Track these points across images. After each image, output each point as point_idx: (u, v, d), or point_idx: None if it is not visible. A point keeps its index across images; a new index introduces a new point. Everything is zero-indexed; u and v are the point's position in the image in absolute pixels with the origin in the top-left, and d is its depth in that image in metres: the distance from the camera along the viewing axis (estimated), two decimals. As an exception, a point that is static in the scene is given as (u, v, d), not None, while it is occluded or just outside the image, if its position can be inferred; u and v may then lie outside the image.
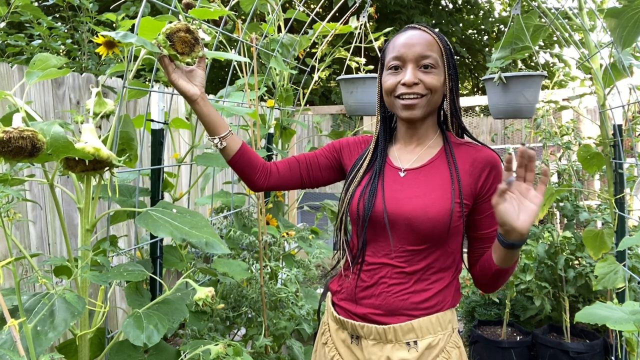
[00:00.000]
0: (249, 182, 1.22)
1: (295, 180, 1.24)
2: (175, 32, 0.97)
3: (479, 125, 6.76)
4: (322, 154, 1.25)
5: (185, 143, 2.84)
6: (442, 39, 1.08)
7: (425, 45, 1.05)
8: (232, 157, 1.16)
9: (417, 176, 1.08)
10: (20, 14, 2.85)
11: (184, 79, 1.05)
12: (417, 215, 1.02)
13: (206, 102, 1.09)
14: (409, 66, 1.05)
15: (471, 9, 8.80)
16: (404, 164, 1.12)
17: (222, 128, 1.12)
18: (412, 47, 1.05)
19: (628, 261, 1.88)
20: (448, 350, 1.06)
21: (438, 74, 1.06)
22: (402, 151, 1.14)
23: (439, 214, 1.01)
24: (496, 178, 1.07)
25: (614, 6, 1.65)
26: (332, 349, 1.15)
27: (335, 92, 7.19)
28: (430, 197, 1.04)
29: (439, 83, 1.06)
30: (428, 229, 1.02)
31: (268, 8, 2.04)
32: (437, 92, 1.07)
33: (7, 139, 0.73)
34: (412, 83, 1.04)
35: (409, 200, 1.04)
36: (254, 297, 1.74)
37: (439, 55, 1.06)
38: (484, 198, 1.06)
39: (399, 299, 1.05)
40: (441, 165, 1.08)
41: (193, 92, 1.06)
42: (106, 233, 1.19)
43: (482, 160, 1.07)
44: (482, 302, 3.05)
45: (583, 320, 1.14)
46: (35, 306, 0.89)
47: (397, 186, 1.08)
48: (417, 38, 1.06)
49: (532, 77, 1.99)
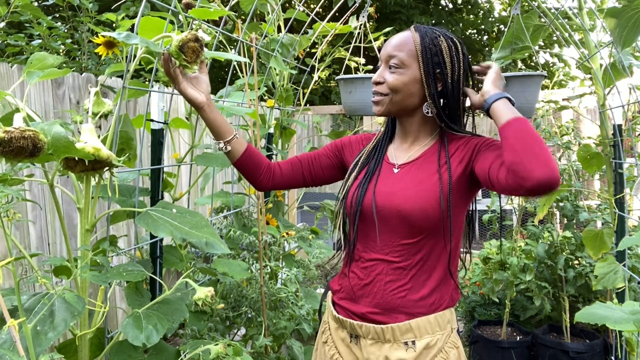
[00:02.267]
0: (253, 182, 1.24)
1: (298, 179, 1.26)
2: (186, 43, 0.99)
3: (479, 125, 6.76)
4: (324, 153, 1.27)
5: (185, 143, 2.84)
6: (423, 40, 1.05)
7: (397, 45, 1.07)
8: (238, 160, 1.18)
9: (410, 170, 1.10)
10: (20, 14, 2.85)
11: (190, 87, 1.07)
12: (407, 207, 1.03)
13: (212, 108, 1.11)
14: (382, 65, 1.10)
15: (471, 9, 8.79)
16: (399, 161, 1.13)
17: (227, 132, 1.14)
18: (387, 47, 1.09)
19: (628, 261, 1.88)
20: (446, 350, 1.06)
21: (403, 74, 1.06)
22: (399, 149, 1.16)
23: (429, 204, 1.02)
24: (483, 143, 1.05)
25: (614, 6, 1.65)
26: (332, 347, 1.16)
27: (335, 92, 7.19)
28: (420, 188, 1.04)
29: (400, 83, 1.06)
30: (420, 220, 1.02)
31: (268, 8, 2.04)
32: (400, 91, 1.07)
33: (8, 138, 0.73)
34: (376, 82, 1.10)
35: (401, 193, 1.05)
36: (254, 297, 1.74)
37: (409, 56, 1.05)
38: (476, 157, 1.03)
39: (397, 296, 1.05)
40: (433, 157, 1.09)
41: (201, 100, 1.08)
42: (106, 233, 1.19)
43: (472, 142, 1.07)
44: (482, 302, 3.05)
45: (583, 320, 1.14)
46: (35, 306, 0.89)
47: (390, 181, 1.10)
48: (396, 39, 1.09)
49: (531, 77, 1.99)
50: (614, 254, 1.91)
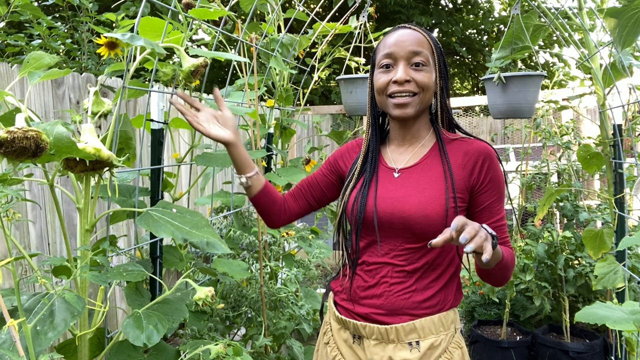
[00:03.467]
0: (268, 218, 1.26)
1: (306, 208, 1.27)
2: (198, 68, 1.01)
3: (479, 125, 6.76)
4: (320, 173, 1.26)
5: (185, 143, 2.84)
6: (432, 38, 1.09)
7: (416, 43, 1.06)
8: (256, 195, 1.20)
9: (411, 175, 1.08)
10: (20, 14, 2.85)
11: (215, 127, 1.11)
12: (412, 214, 1.02)
13: (239, 144, 1.14)
14: (400, 64, 1.06)
15: (471, 9, 8.79)
16: (398, 164, 1.12)
17: (250, 167, 1.17)
18: (403, 45, 1.05)
19: (628, 261, 1.88)
20: (450, 350, 1.06)
21: (429, 71, 1.06)
22: (396, 152, 1.14)
23: (434, 210, 1.01)
24: (490, 168, 1.06)
25: (614, 6, 1.65)
26: (334, 348, 1.15)
27: (335, 92, 7.19)
28: (424, 194, 1.04)
29: (430, 81, 1.06)
30: (425, 227, 1.02)
31: (268, 8, 2.04)
32: (429, 90, 1.07)
33: (11, 139, 0.73)
34: (404, 80, 1.05)
35: (404, 199, 1.04)
36: (254, 297, 1.74)
37: (430, 53, 1.07)
38: (479, 190, 1.06)
39: (401, 298, 1.05)
40: (434, 162, 1.08)
41: (229, 138, 1.11)
42: (106, 233, 1.19)
43: (475, 152, 1.07)
44: (482, 302, 3.05)
45: (583, 320, 1.14)
46: (35, 306, 0.89)
47: (392, 186, 1.08)
48: (408, 36, 1.06)
49: (531, 77, 1.99)
50: (614, 254, 1.91)
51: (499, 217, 1.07)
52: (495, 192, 1.06)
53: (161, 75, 1.15)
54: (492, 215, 1.06)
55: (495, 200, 1.06)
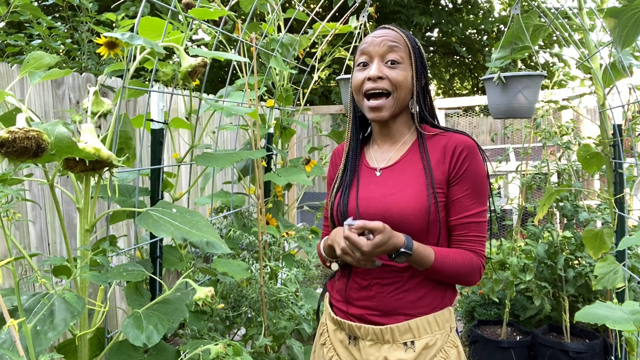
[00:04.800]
0: None
1: None
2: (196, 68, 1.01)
3: (479, 125, 6.76)
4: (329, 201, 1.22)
5: (185, 143, 2.84)
6: (409, 37, 1.09)
7: (392, 41, 1.06)
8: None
9: (392, 174, 1.09)
10: (19, 14, 2.85)
11: None
12: (394, 213, 1.02)
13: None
14: (375, 61, 1.07)
15: (471, 9, 8.79)
16: (380, 164, 1.12)
17: None
18: (378, 43, 1.07)
19: (628, 261, 1.88)
20: (446, 350, 1.06)
21: (404, 69, 1.07)
22: (378, 151, 1.15)
23: (416, 208, 1.02)
24: (466, 160, 1.04)
25: (614, 6, 1.65)
26: (330, 349, 1.15)
27: (335, 91, 7.18)
28: (405, 193, 1.04)
29: (405, 79, 1.06)
30: (408, 224, 1.02)
31: (268, 8, 2.04)
32: (403, 88, 1.07)
33: (12, 139, 0.73)
34: (377, 77, 1.05)
35: (384, 199, 1.05)
36: (254, 296, 1.74)
37: (405, 52, 1.07)
38: (452, 181, 1.05)
39: (394, 298, 1.05)
40: (414, 158, 1.09)
41: None
42: (106, 233, 1.19)
43: (452, 144, 1.06)
44: (481, 302, 3.05)
45: (583, 320, 1.14)
46: (35, 306, 0.89)
47: (373, 186, 1.09)
48: (383, 35, 1.08)
49: (531, 77, 1.99)
50: (614, 254, 1.91)
51: (468, 213, 1.04)
52: (469, 186, 1.04)
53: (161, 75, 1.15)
54: (462, 210, 1.04)
55: (468, 195, 1.04)
